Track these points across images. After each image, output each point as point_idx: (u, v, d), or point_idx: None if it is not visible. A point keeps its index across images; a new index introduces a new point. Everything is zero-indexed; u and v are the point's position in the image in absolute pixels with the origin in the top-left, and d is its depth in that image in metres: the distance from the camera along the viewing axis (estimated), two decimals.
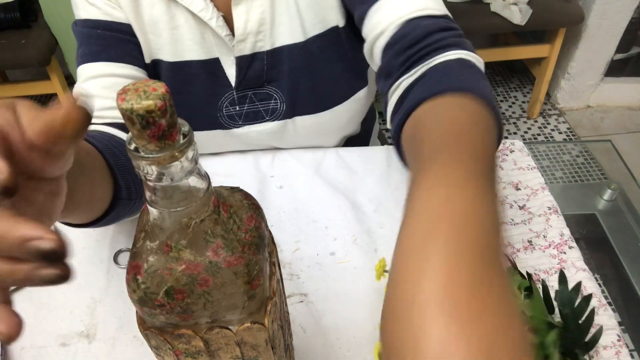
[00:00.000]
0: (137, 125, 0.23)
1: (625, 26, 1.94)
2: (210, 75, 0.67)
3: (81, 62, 0.61)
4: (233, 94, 0.69)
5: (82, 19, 0.62)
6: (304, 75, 0.68)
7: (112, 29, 0.61)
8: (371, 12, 0.56)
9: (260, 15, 0.62)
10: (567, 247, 0.61)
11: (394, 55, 0.53)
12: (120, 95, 0.23)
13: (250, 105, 0.70)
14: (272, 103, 0.70)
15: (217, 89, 0.68)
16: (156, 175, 0.25)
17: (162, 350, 0.33)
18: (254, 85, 0.68)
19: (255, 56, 0.66)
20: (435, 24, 0.52)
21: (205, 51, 0.65)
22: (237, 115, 0.70)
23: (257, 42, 0.64)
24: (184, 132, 0.25)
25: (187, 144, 0.25)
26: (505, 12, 1.75)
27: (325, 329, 0.53)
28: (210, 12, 0.61)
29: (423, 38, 0.51)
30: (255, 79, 0.67)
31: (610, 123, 2.14)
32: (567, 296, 0.51)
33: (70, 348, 0.53)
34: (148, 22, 0.63)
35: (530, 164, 0.73)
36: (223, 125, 0.71)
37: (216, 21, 0.62)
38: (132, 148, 0.24)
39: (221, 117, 0.70)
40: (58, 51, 1.80)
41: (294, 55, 0.66)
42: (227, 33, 0.63)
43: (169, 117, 0.23)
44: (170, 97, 0.23)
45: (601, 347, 0.51)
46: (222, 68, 0.67)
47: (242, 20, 0.62)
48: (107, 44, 0.61)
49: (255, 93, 0.69)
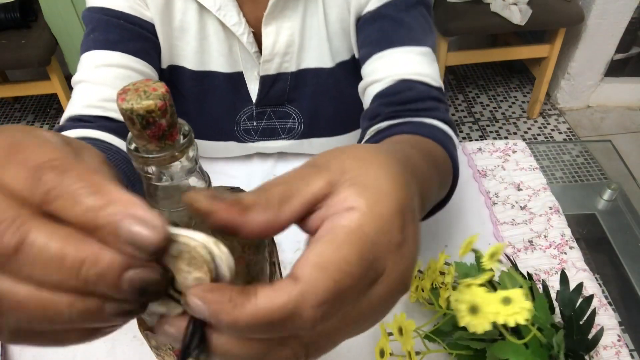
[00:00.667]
0: (137, 125, 0.23)
1: (625, 26, 1.94)
2: (232, 88, 0.66)
3: (93, 48, 0.58)
4: (252, 109, 0.68)
5: (100, 7, 0.59)
6: (326, 99, 0.68)
7: (134, 23, 0.60)
8: (375, 57, 0.59)
9: (289, 37, 0.62)
10: (568, 248, 0.61)
11: (384, 104, 0.56)
12: (120, 95, 0.23)
13: (268, 122, 0.69)
14: (290, 122, 0.70)
15: (237, 103, 0.68)
16: (156, 175, 0.25)
17: (162, 350, 0.33)
18: (274, 104, 0.68)
19: (280, 76, 0.65)
20: (429, 92, 0.56)
21: (230, 64, 0.65)
22: (253, 130, 0.70)
23: (283, 63, 0.64)
24: (184, 132, 0.25)
25: (188, 144, 0.25)
26: (505, 12, 1.75)
27: None
28: (242, 27, 0.61)
29: (415, 101, 0.54)
30: (276, 97, 0.67)
31: (610, 123, 2.14)
32: (568, 297, 0.51)
33: (70, 348, 0.53)
34: (177, 28, 0.62)
35: (533, 164, 0.72)
36: (238, 138, 0.71)
37: (247, 37, 0.61)
38: (132, 148, 0.24)
39: (237, 130, 0.70)
40: (58, 51, 1.80)
41: (319, 79, 0.66)
42: (256, 50, 0.63)
43: (169, 117, 0.23)
44: (171, 97, 0.23)
45: (601, 347, 0.51)
46: (245, 83, 0.66)
47: (271, 41, 0.62)
48: (127, 36, 0.59)
49: (274, 111, 0.69)
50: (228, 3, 0.59)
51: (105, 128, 0.54)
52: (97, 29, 0.59)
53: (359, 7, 0.61)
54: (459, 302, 0.36)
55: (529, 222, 0.64)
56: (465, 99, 2.25)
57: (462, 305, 0.35)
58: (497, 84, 2.33)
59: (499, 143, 0.77)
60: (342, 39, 0.64)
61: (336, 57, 0.65)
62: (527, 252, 0.61)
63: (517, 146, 0.76)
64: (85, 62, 0.58)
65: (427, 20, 0.61)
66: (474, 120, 2.15)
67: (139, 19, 0.60)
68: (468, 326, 0.35)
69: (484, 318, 0.34)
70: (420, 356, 0.44)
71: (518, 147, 0.75)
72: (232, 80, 0.66)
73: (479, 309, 0.35)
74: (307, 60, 0.65)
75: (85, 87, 0.57)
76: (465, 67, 2.42)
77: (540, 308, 0.47)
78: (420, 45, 0.58)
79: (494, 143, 0.77)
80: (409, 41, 0.58)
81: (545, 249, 0.61)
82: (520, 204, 0.67)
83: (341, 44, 0.64)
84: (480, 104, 2.22)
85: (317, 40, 0.63)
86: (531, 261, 0.60)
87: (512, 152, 0.75)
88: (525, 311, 0.34)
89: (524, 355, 0.43)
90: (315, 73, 0.66)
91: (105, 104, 0.56)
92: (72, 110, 0.56)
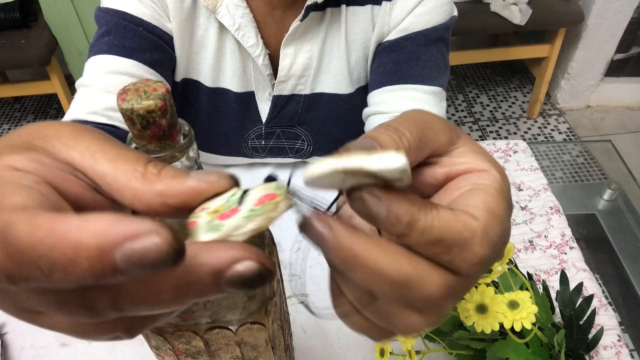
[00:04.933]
0: (138, 125, 0.23)
1: (625, 26, 1.94)
2: (242, 107, 0.66)
3: (107, 52, 0.56)
4: (262, 129, 0.68)
5: (118, 9, 0.56)
6: (338, 124, 0.67)
7: (154, 33, 0.58)
8: (385, 89, 0.60)
9: (307, 60, 0.62)
10: (568, 248, 0.61)
11: None
12: (120, 96, 0.23)
13: (276, 141, 0.69)
14: (298, 143, 0.69)
15: (247, 122, 0.67)
16: None
17: (162, 350, 0.33)
18: (284, 125, 0.67)
19: (293, 98, 0.65)
20: None
21: (243, 84, 0.64)
22: (261, 148, 0.70)
23: (298, 85, 0.64)
24: (184, 132, 0.25)
25: (188, 144, 0.25)
26: (505, 12, 1.75)
27: (325, 330, 0.53)
28: (259, 49, 0.60)
29: None
30: (287, 119, 0.67)
31: (610, 123, 2.14)
32: (568, 297, 0.51)
33: (70, 348, 0.53)
34: (196, 42, 0.61)
35: (534, 164, 0.72)
36: (246, 154, 0.71)
37: (263, 59, 0.61)
38: (132, 148, 0.24)
39: (245, 147, 0.70)
40: (58, 51, 1.80)
41: (333, 104, 0.66)
42: (270, 72, 0.63)
43: (170, 117, 0.23)
44: (171, 97, 0.23)
45: (601, 347, 0.51)
46: (256, 103, 0.66)
47: (288, 63, 0.61)
48: (145, 45, 0.57)
49: (283, 131, 0.68)
50: (247, 24, 0.58)
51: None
52: (113, 33, 0.56)
53: (380, 36, 0.61)
54: (466, 301, 0.36)
55: (529, 222, 0.64)
56: (465, 99, 2.25)
57: (469, 305, 0.35)
58: (497, 84, 2.33)
59: (499, 143, 0.77)
60: (363, 65, 0.64)
61: (355, 84, 0.65)
62: (528, 252, 0.61)
63: (518, 146, 0.76)
64: (94, 65, 0.56)
65: (444, 57, 0.62)
66: (474, 120, 2.15)
67: (159, 29, 0.58)
68: (475, 325, 0.35)
69: (493, 318, 0.34)
70: (420, 356, 0.43)
71: (519, 147, 0.75)
72: (243, 99, 0.65)
73: (487, 309, 0.35)
74: (322, 84, 0.64)
75: (92, 92, 0.55)
76: (465, 67, 2.42)
77: (540, 308, 0.47)
78: (432, 85, 0.59)
79: (495, 143, 0.77)
80: (421, 79, 0.59)
81: (546, 249, 0.61)
82: (520, 204, 0.67)
83: (362, 70, 0.64)
84: (480, 104, 2.22)
85: (337, 65, 0.63)
86: (531, 261, 0.60)
87: (513, 152, 0.75)
88: (532, 315, 0.34)
89: (524, 355, 0.43)
90: (330, 98, 0.65)
91: (110, 114, 0.54)
92: (76, 114, 0.54)
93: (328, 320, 0.54)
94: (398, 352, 0.44)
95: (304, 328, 0.53)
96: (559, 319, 0.51)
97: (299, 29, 0.59)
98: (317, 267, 0.59)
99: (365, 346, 0.51)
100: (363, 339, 0.52)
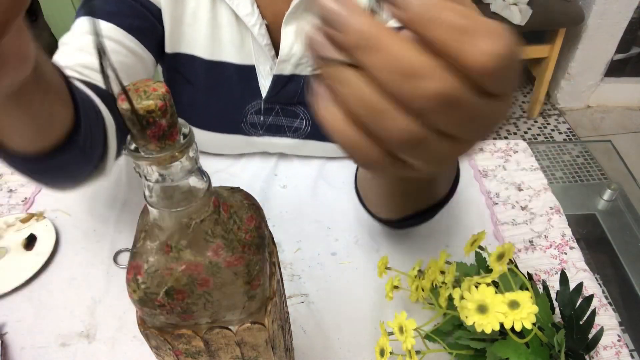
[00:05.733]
0: (137, 125, 0.23)
1: (625, 26, 1.94)
2: (242, 81, 0.66)
3: (89, 14, 0.58)
4: (261, 104, 0.68)
5: None
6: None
7: (139, 1, 0.59)
8: None
9: None
10: (568, 248, 0.61)
11: None
12: (120, 96, 0.23)
13: (275, 118, 0.69)
14: (297, 121, 0.69)
15: (246, 96, 0.67)
16: (156, 175, 0.25)
17: (162, 350, 0.33)
18: (284, 102, 0.68)
19: (293, 78, 0.65)
20: None
21: (242, 56, 0.64)
22: (259, 124, 0.70)
23: (299, 65, 0.64)
24: (184, 132, 0.25)
25: (188, 144, 0.25)
26: (505, 12, 1.75)
27: (325, 330, 0.53)
28: (255, 18, 0.60)
29: None
30: (287, 97, 0.67)
31: (610, 123, 2.14)
32: (568, 297, 0.51)
33: (70, 348, 0.53)
34: (189, 14, 0.61)
35: (534, 164, 0.72)
36: (244, 131, 0.70)
37: (259, 29, 0.60)
38: (132, 148, 0.24)
39: (244, 123, 0.69)
40: None
41: None
42: (268, 42, 0.62)
43: (169, 117, 0.23)
44: (171, 97, 0.23)
45: (601, 347, 0.51)
46: (256, 76, 0.66)
47: (289, 42, 0.61)
48: (127, 11, 0.58)
49: (283, 108, 0.68)
50: None
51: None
52: None
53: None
54: (467, 301, 0.36)
55: (529, 223, 0.64)
56: None
57: (470, 304, 0.35)
58: None
59: (500, 143, 0.77)
60: None
61: None
62: (528, 252, 0.61)
63: (518, 146, 0.76)
64: (76, 27, 0.58)
65: None
66: None
67: (147, 1, 0.59)
68: (476, 325, 0.35)
69: (494, 318, 0.34)
70: (420, 356, 0.43)
71: (519, 147, 0.75)
72: (243, 72, 0.65)
73: (487, 309, 0.35)
74: None
75: (68, 50, 0.56)
76: None
77: (540, 308, 0.47)
78: None
79: (495, 143, 0.77)
80: None
81: (546, 249, 0.61)
82: (520, 204, 0.67)
83: None
84: None
85: None
86: (531, 261, 0.60)
87: (513, 152, 0.75)
88: (532, 315, 0.34)
89: (525, 355, 0.43)
90: None
91: (82, 70, 0.54)
92: None
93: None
94: (398, 352, 0.44)
95: (304, 328, 0.53)
96: (559, 319, 0.51)
97: (299, 7, 0.59)
98: (317, 268, 0.59)
99: (365, 346, 0.51)
100: (363, 339, 0.52)
